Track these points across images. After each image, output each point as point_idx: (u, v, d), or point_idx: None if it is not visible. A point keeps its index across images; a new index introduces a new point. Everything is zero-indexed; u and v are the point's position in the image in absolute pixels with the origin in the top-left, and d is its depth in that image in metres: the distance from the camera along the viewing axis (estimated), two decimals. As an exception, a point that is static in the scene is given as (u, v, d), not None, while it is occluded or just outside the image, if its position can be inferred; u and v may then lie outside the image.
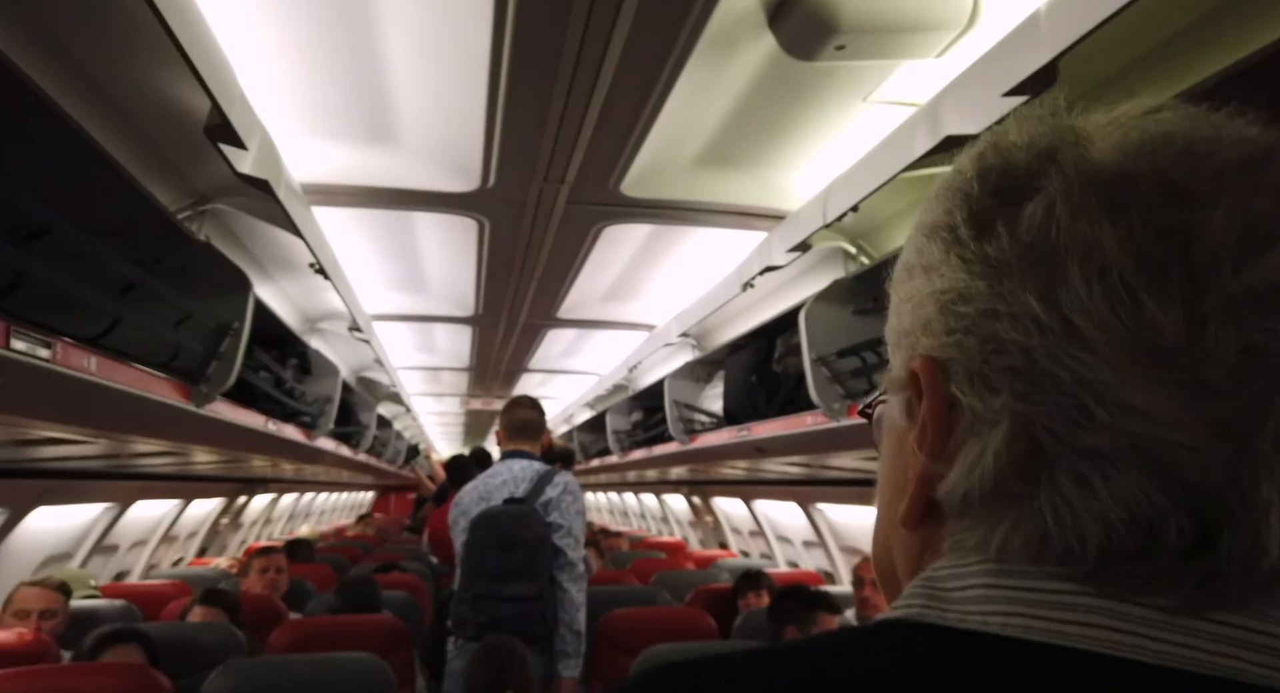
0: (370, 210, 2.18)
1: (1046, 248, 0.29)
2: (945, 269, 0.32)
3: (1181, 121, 0.30)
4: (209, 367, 1.85)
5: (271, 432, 2.60)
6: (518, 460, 2.35)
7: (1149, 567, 0.27)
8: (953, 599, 0.30)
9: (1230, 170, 0.28)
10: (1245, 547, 0.26)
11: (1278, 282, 0.27)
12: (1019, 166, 0.31)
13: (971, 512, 0.31)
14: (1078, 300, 0.28)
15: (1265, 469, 0.26)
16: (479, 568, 2.21)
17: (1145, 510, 0.26)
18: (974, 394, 0.30)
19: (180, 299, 1.67)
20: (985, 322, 0.30)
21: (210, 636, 2.66)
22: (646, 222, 2.30)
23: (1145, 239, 0.27)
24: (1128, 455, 0.27)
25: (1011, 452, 0.29)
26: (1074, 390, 0.27)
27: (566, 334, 4.14)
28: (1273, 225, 0.27)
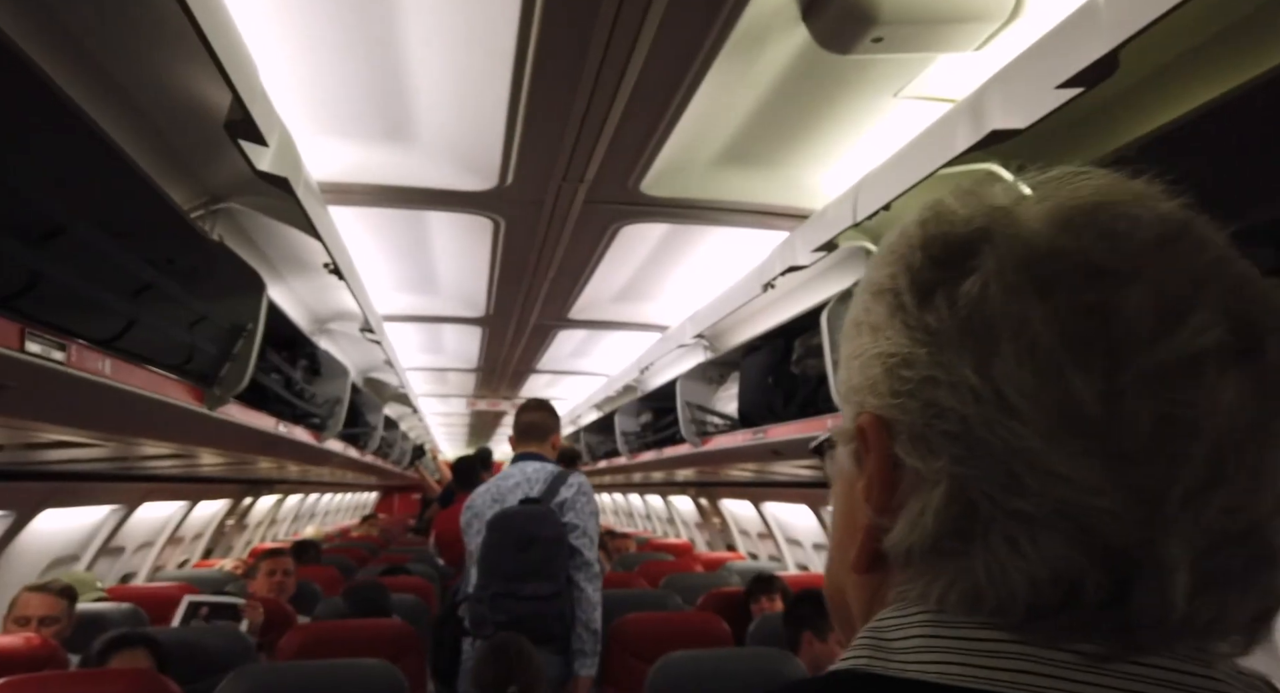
0: (383, 209, 2.15)
1: (981, 322, 0.31)
2: (890, 332, 0.34)
3: (1104, 194, 0.33)
4: (222, 369, 1.82)
5: (282, 434, 2.57)
6: (530, 462, 2.35)
7: (1070, 618, 0.29)
8: (895, 649, 0.32)
9: (1147, 251, 0.30)
10: (1155, 601, 0.28)
11: (1187, 356, 0.29)
12: (957, 242, 0.33)
13: (914, 564, 0.33)
14: (1009, 374, 0.30)
15: (1175, 530, 0.28)
16: (497, 568, 2.21)
17: (1067, 570, 0.29)
18: (916, 456, 0.32)
19: (194, 300, 1.63)
20: (926, 388, 0.32)
21: (219, 640, 2.63)
22: (664, 221, 2.26)
23: (1069, 316, 0.30)
24: (1053, 519, 0.29)
25: (949, 512, 0.31)
26: (1006, 458, 0.29)
27: (577, 335, 4.10)
28: (1183, 304, 0.29)
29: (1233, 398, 0.29)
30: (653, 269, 2.80)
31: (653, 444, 4.57)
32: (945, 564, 0.32)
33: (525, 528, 2.18)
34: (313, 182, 1.76)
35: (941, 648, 0.31)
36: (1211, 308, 0.30)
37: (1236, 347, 0.29)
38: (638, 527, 8.92)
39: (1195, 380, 0.29)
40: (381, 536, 7.88)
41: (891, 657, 0.32)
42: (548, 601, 2.17)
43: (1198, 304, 0.30)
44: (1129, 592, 0.29)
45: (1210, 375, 0.29)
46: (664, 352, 3.56)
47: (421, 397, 6.43)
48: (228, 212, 1.90)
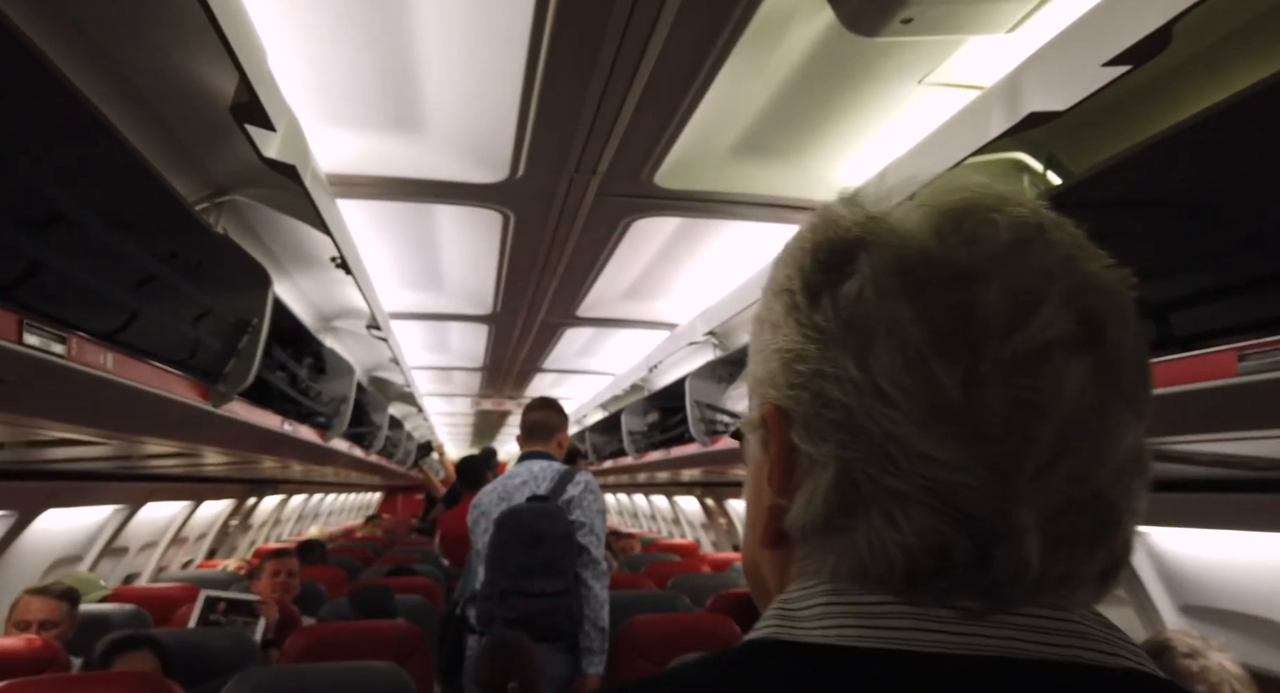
0: (390, 202, 2.10)
1: (860, 322, 0.34)
2: (787, 329, 0.38)
3: (969, 201, 0.36)
4: (227, 365, 1.77)
5: (287, 432, 2.52)
6: (537, 461, 2.34)
7: (944, 580, 0.33)
8: (800, 618, 0.35)
9: (1002, 253, 0.34)
10: (1012, 561, 0.32)
11: (1036, 347, 0.32)
12: (839, 248, 0.36)
13: (809, 540, 0.36)
14: (884, 368, 0.33)
15: (1026, 500, 0.32)
16: (505, 564, 2.19)
17: (936, 539, 0.32)
18: (809, 442, 0.36)
19: (198, 294, 1.59)
20: (816, 381, 0.35)
21: (224, 641, 2.59)
22: (678, 214, 2.21)
23: (935, 315, 0.33)
24: (922, 495, 0.32)
25: (837, 491, 0.34)
26: (883, 442, 0.33)
27: (584, 333, 4.05)
28: (1033, 299, 0.33)
29: (1077, 382, 0.33)
30: (663, 265, 2.75)
31: (660, 444, 4.52)
32: (835, 540, 0.35)
33: (533, 525, 2.18)
34: (320, 172, 1.72)
35: (838, 615, 0.34)
36: (1058, 302, 0.33)
37: (1081, 336, 0.33)
38: (643, 527, 8.88)
39: (1044, 368, 0.32)
40: (386, 536, 7.85)
41: (797, 625, 0.35)
42: (556, 597, 2.16)
43: (1045, 299, 0.33)
44: (990, 555, 0.32)
45: (1057, 363, 0.33)
46: (673, 350, 3.51)
47: (426, 396, 6.39)
48: (232, 204, 1.86)
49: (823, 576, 0.36)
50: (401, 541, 7.47)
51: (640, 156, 1.90)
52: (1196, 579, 2.15)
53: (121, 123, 1.34)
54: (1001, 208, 0.36)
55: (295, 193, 1.64)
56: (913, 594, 0.33)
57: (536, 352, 4.47)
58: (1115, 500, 0.34)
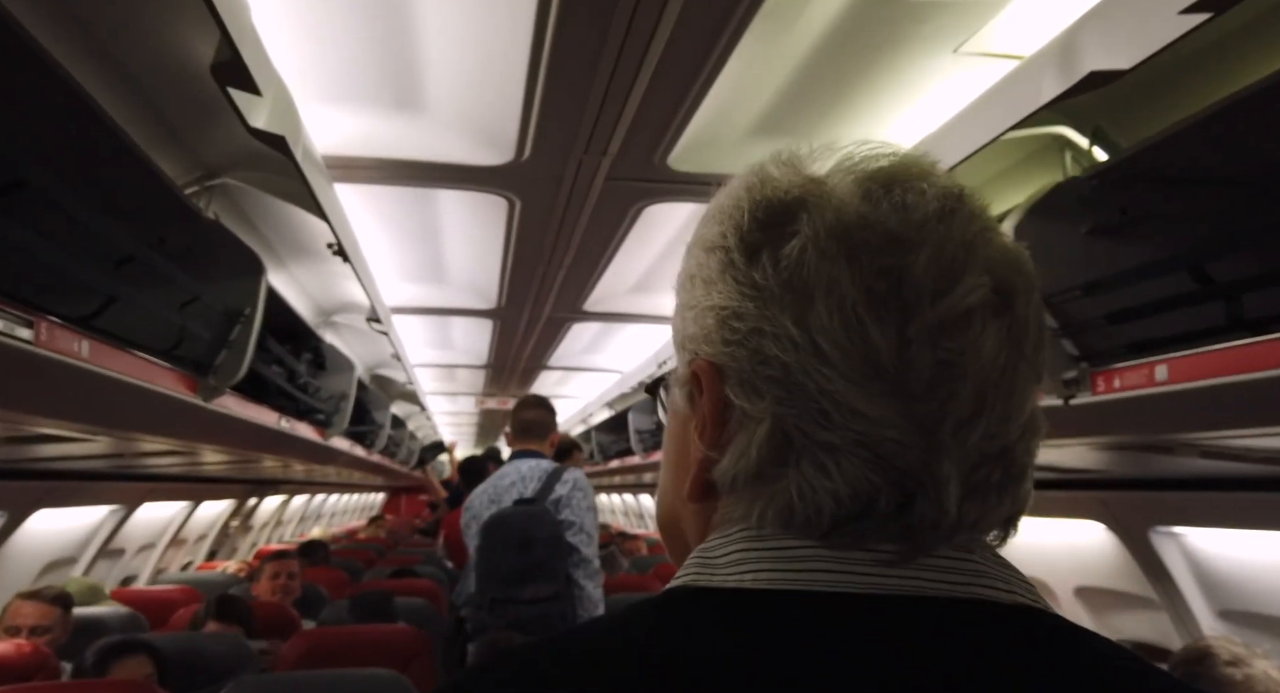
0: (389, 187, 2.00)
1: (800, 281, 0.36)
2: (722, 286, 0.38)
3: (897, 169, 0.38)
4: (218, 357, 1.68)
5: (284, 430, 2.43)
6: (526, 460, 2.31)
7: (864, 525, 0.35)
8: (718, 564, 0.37)
9: (930, 222, 0.36)
10: (933, 509, 0.35)
11: (959, 312, 0.35)
12: (779, 208, 0.38)
13: (738, 491, 0.38)
14: (822, 326, 0.35)
15: (946, 453, 0.35)
16: (495, 571, 2.16)
17: (865, 488, 0.35)
18: (744, 397, 0.37)
19: (185, 279, 1.49)
20: (754, 338, 0.36)
21: (219, 647, 2.51)
22: (691, 199, 2.11)
23: (870, 277, 0.35)
24: (854, 448, 0.35)
25: (770, 444, 0.36)
26: (817, 398, 0.35)
27: (591, 328, 3.95)
28: (958, 267, 0.35)
29: (992, 346, 0.35)
30: (675, 255, 2.64)
31: (668, 443, 4.42)
32: (764, 488, 0.36)
33: (522, 529, 2.14)
34: (315, 151, 1.62)
35: (755, 558, 0.35)
36: (978, 271, 0.35)
37: (996, 304, 0.35)
38: (649, 528, 8.80)
39: (965, 331, 0.34)
40: (389, 537, 7.77)
41: (715, 572, 0.36)
42: (548, 603, 2.13)
43: (969, 268, 0.35)
44: (911, 503, 0.34)
45: (976, 327, 0.35)
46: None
47: (429, 395, 6.30)
48: (224, 188, 1.76)
49: (746, 522, 0.37)
50: (405, 542, 7.39)
51: (652, 137, 1.80)
52: (1238, 582, 2.02)
53: (104, 99, 1.25)
54: (928, 177, 0.38)
55: (289, 174, 1.55)
56: (833, 538, 0.35)
57: (541, 348, 4.37)
58: (1020, 456, 0.37)
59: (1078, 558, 2.48)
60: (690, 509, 0.41)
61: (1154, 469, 2.01)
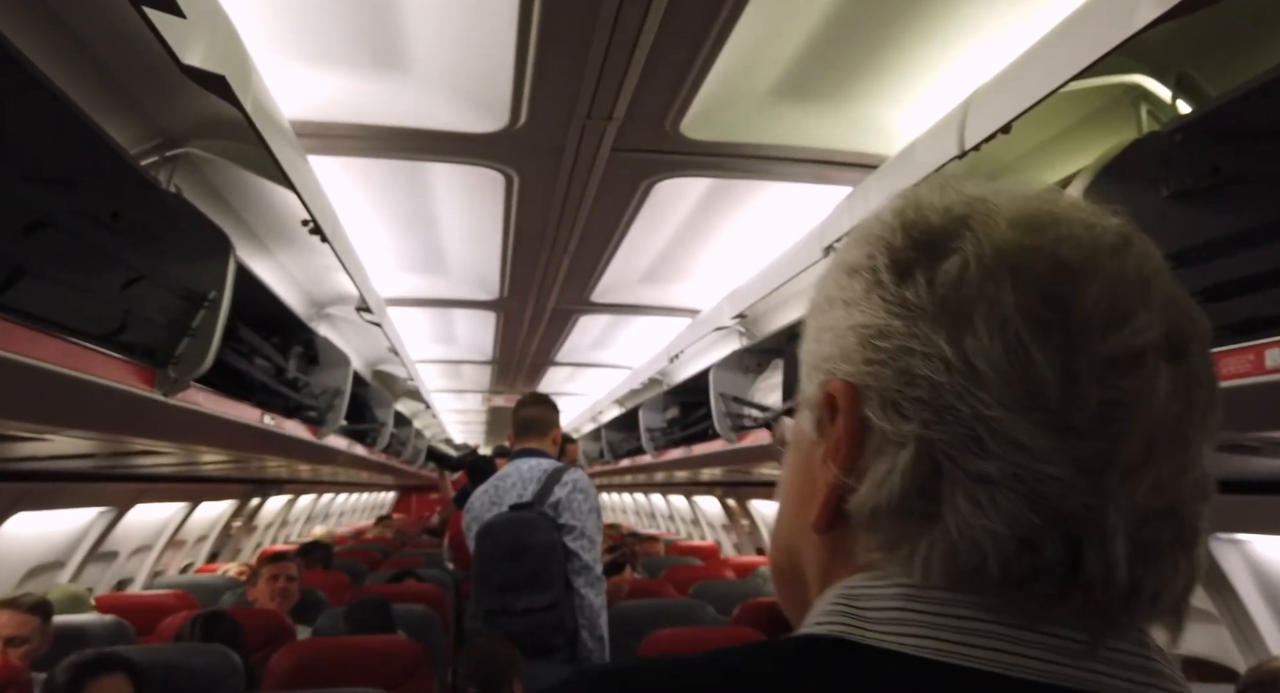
0: (373, 161, 1.82)
1: (958, 300, 0.34)
2: (866, 306, 0.37)
3: (1066, 207, 0.37)
4: (178, 346, 1.50)
5: (270, 428, 2.26)
6: (527, 460, 2.20)
7: (1038, 592, 0.32)
8: (870, 619, 0.34)
9: (1102, 254, 0.34)
10: (1102, 566, 0.32)
11: (1131, 351, 0.33)
12: (937, 227, 0.36)
13: (880, 525, 0.35)
14: (980, 348, 0.33)
15: (1112, 500, 0.32)
16: (488, 581, 2.07)
17: (1025, 529, 0.32)
18: (885, 419, 0.35)
19: (134, 256, 1.32)
20: (901, 356, 0.34)
21: (203, 660, 2.34)
22: (706, 173, 1.91)
23: (1036, 301, 0.33)
24: (1011, 482, 0.32)
25: (915, 472, 0.33)
26: (972, 424, 0.32)
27: (599, 321, 3.76)
28: (1131, 304, 0.33)
29: (1164, 392, 0.33)
30: (688, 238, 2.45)
31: (681, 441, 4.24)
32: (915, 526, 0.34)
33: (515, 536, 2.04)
34: (280, 113, 1.44)
35: (918, 622, 0.33)
36: (1151, 311, 0.34)
37: (1169, 350, 0.33)
38: (660, 528, 8.63)
39: (1137, 372, 0.33)
40: (397, 537, 7.63)
41: (868, 626, 0.34)
42: (544, 612, 2.04)
43: (1143, 306, 0.34)
44: (1081, 557, 0.32)
45: (1148, 369, 0.33)
46: (698, 336, 3.21)
47: (436, 393, 6.15)
48: (188, 160, 1.59)
49: (909, 572, 0.34)
50: (412, 542, 7.25)
51: (662, 100, 1.60)
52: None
53: (40, 56, 1.09)
54: (1095, 215, 0.37)
55: (255, 142, 1.37)
56: (1003, 607, 0.33)
57: (548, 343, 4.19)
58: (1189, 517, 0.34)
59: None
60: (812, 542, 0.39)
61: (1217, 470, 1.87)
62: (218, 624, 2.42)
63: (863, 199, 1.63)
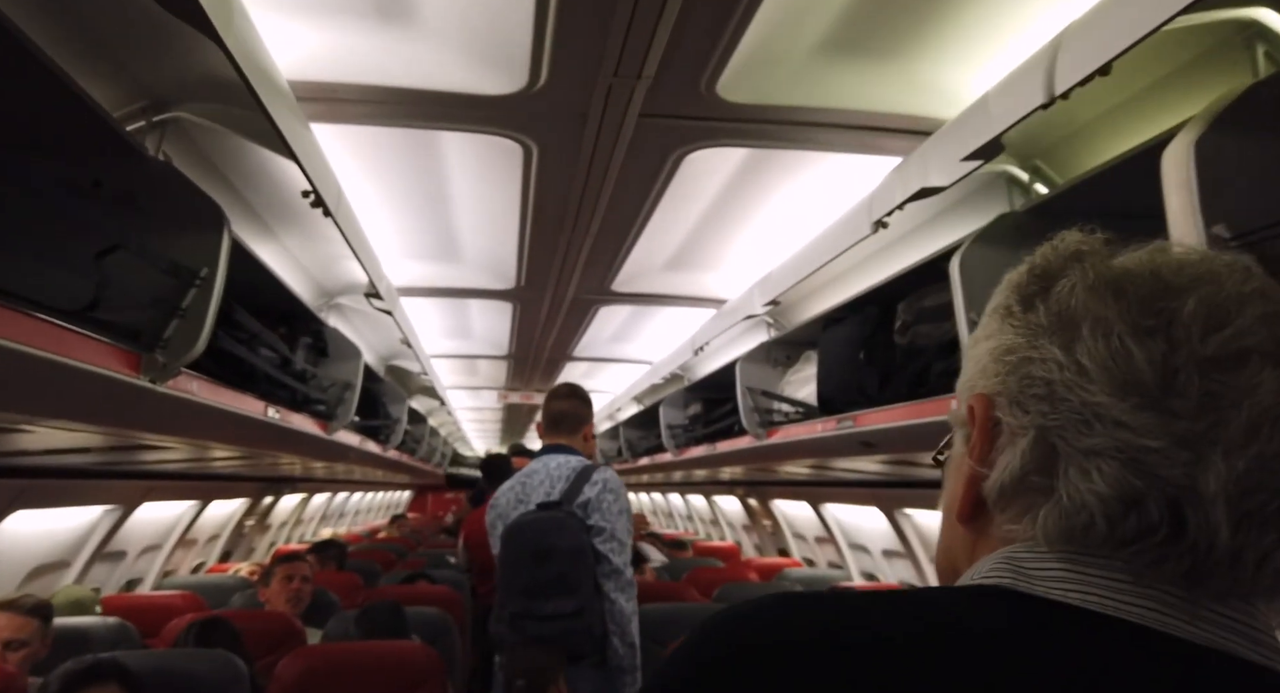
0: (378, 129, 1.67)
1: (1069, 314, 0.42)
2: (998, 334, 0.46)
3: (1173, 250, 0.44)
4: (167, 327, 1.37)
5: (274, 421, 2.13)
6: (555, 456, 2.12)
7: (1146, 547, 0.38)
8: (1036, 576, 0.40)
9: (1203, 276, 0.41)
10: (1205, 528, 0.37)
11: (1233, 351, 0.38)
12: (1054, 265, 0.45)
13: (1008, 502, 0.43)
14: (1088, 349, 0.40)
15: (1211, 468, 0.37)
16: (513, 584, 1.98)
17: (1129, 491, 0.38)
18: (1010, 414, 0.43)
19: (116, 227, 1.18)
20: (1023, 365, 0.43)
21: (206, 666, 2.22)
22: (742, 142, 1.74)
23: (1139, 313, 0.40)
24: (1115, 454, 0.38)
25: (1034, 453, 0.41)
26: (1080, 410, 0.40)
27: (620, 313, 3.61)
28: (1228, 313, 0.39)
29: (1273, 386, 0.38)
30: (718, 219, 2.28)
31: (703, 439, 4.07)
32: (1034, 498, 0.41)
33: (542, 538, 1.95)
34: (276, 70, 1.30)
35: (1077, 580, 0.39)
36: (1252, 319, 0.39)
37: (1276, 353, 0.39)
38: (678, 528, 8.49)
39: (1241, 370, 0.38)
40: (411, 537, 7.53)
41: (1035, 581, 0.40)
42: (571, 618, 1.96)
43: (1240, 314, 0.39)
44: (1183, 519, 0.37)
45: (1254, 367, 0.38)
46: (724, 327, 3.04)
47: (450, 389, 6.02)
48: (177, 125, 1.45)
49: (1038, 539, 0.40)
50: (428, 542, 7.14)
51: (697, 56, 1.44)
52: None
53: (9, 6, 0.96)
54: (1215, 256, 0.42)
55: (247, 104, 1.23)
56: (1129, 565, 0.38)
57: (566, 336, 4.04)
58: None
59: None
60: (960, 535, 0.46)
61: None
62: (215, 631, 2.30)
63: (920, 164, 1.46)
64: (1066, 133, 1.52)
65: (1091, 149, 1.52)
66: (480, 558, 4.02)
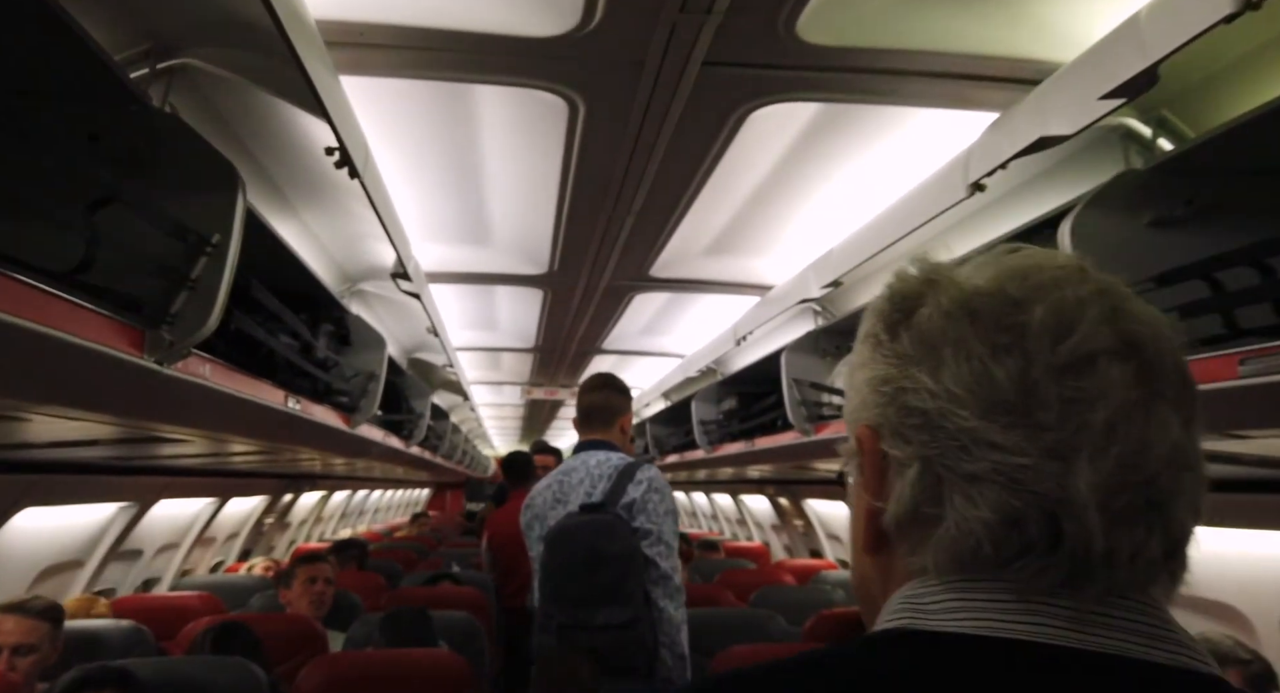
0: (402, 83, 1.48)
1: (931, 341, 0.43)
2: (872, 364, 0.47)
3: (1011, 257, 0.46)
4: (175, 301, 1.20)
5: (294, 412, 1.96)
6: (595, 453, 1.99)
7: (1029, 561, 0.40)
8: (932, 610, 0.42)
9: (1045, 286, 0.43)
10: (1080, 535, 0.39)
11: (1082, 355, 0.40)
12: (912, 290, 0.46)
13: (905, 533, 0.44)
14: (953, 375, 0.42)
15: (1079, 476, 0.39)
16: (561, 593, 1.86)
17: (1009, 512, 0.40)
18: (895, 446, 0.44)
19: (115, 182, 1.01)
20: (899, 395, 0.44)
21: (223, 675, 2.08)
22: (819, 95, 1.54)
23: (992, 331, 0.42)
24: (992, 476, 0.40)
25: (921, 483, 0.42)
26: (957, 436, 0.41)
27: (656, 301, 3.41)
28: (1073, 318, 0.41)
29: (1122, 383, 0.40)
30: (774, 191, 2.08)
31: (739, 435, 3.88)
32: (929, 528, 0.42)
33: (591, 544, 1.83)
34: (304, 6, 1.12)
35: (967, 608, 0.41)
36: (1096, 321, 0.41)
37: (1124, 350, 0.41)
38: (702, 527, 8.32)
39: (1091, 371, 0.40)
40: (432, 535, 7.40)
41: (930, 616, 0.42)
42: (623, 629, 1.84)
43: (1084, 318, 0.41)
44: (1060, 530, 0.39)
45: (1102, 367, 0.40)
46: (774, 312, 2.84)
47: (472, 385, 5.86)
48: (185, 73, 1.28)
49: (941, 573, 0.42)
50: (449, 541, 7.01)
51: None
52: None
53: None
54: (1050, 259, 0.45)
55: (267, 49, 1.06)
56: (1020, 587, 0.40)
57: (597, 327, 3.85)
58: (1165, 485, 0.40)
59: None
60: (869, 563, 0.47)
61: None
62: (233, 637, 2.14)
63: (1036, 109, 1.25)
64: (1204, 76, 1.31)
65: (1232, 97, 1.32)
66: (505, 560, 3.86)
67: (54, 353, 1.00)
